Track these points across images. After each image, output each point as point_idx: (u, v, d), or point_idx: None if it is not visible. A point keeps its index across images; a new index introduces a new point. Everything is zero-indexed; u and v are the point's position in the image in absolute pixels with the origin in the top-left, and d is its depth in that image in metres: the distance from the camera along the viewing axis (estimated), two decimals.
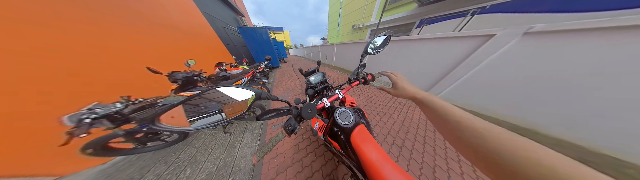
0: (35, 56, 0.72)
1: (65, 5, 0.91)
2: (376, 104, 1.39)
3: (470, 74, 1.16)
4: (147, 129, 0.71)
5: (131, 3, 1.34)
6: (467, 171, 0.70)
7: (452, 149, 0.84)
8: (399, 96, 0.28)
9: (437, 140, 0.91)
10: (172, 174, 0.74)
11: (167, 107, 0.19)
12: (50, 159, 0.73)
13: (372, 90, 1.79)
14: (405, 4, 4.02)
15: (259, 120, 0.29)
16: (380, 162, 0.26)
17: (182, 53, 1.81)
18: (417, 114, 1.21)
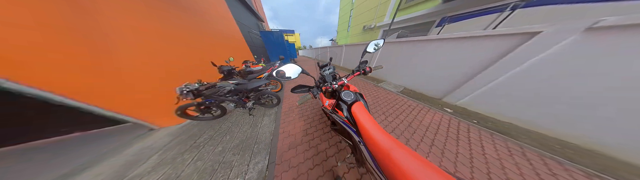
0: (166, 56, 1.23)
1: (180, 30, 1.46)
2: (382, 104, 1.38)
3: (503, 79, 0.98)
4: (208, 102, 1.05)
5: (201, 18, 1.94)
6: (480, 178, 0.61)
7: (467, 155, 0.76)
8: None
9: (448, 144, 0.84)
10: (218, 137, 1.05)
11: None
12: (162, 117, 1.18)
13: (379, 92, 1.80)
14: (425, 1, 3.67)
15: (293, 92, 0.51)
16: (369, 125, 0.38)
17: (223, 52, 2.37)
18: (429, 118, 1.14)
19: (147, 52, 1.11)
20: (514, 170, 0.70)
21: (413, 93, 1.73)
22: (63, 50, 0.78)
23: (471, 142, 0.88)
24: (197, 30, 1.84)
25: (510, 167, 0.72)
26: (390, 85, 2.08)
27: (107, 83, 0.91)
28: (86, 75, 0.85)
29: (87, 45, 0.85)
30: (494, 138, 0.92)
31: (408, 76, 1.86)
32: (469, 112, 1.24)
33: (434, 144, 0.85)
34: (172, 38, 1.38)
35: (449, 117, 1.17)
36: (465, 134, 0.96)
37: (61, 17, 0.78)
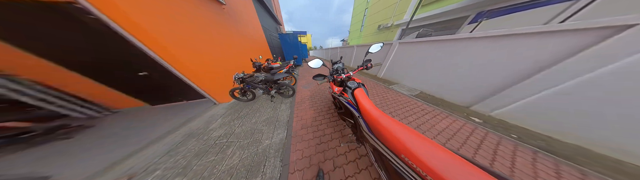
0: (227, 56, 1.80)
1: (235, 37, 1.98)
2: (389, 105, 1.41)
3: (565, 88, 0.77)
4: (247, 88, 1.50)
5: (241, 27, 2.57)
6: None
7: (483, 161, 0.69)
8: None
9: (462, 150, 0.79)
10: (252, 113, 1.44)
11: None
12: (221, 97, 1.67)
13: (389, 93, 1.78)
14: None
15: (314, 79, 0.74)
16: (366, 103, 0.51)
17: (253, 52, 3.01)
18: (446, 124, 1.05)
19: (220, 54, 1.72)
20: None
21: (431, 98, 1.57)
22: (195, 57, 1.35)
23: (496, 154, 0.76)
24: (241, 37, 2.49)
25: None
26: (404, 88, 1.96)
27: (205, 72, 1.45)
28: (202, 68, 1.40)
29: (202, 51, 1.42)
30: (536, 156, 0.74)
31: (427, 79, 1.66)
32: (508, 125, 1.02)
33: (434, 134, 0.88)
34: (229, 44, 1.98)
35: (474, 126, 1.02)
36: (491, 145, 0.83)
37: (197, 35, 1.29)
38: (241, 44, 2.45)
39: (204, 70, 1.41)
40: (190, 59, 1.28)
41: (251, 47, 2.97)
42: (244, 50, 2.52)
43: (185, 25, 1.31)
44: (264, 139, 1.02)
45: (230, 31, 2.13)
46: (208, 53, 1.53)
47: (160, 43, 1.06)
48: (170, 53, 1.14)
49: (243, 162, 0.82)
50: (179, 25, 1.25)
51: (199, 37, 1.44)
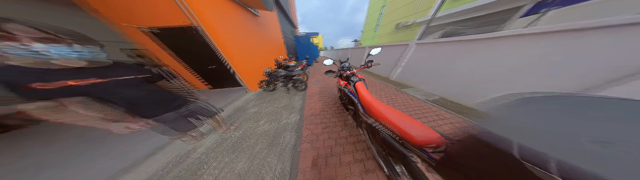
0: (258, 57, 2.32)
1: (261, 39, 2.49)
2: (397, 108, 1.42)
3: None
4: (271, 80, 1.95)
5: (268, 32, 3.17)
6: None
7: None
8: None
9: None
10: (273, 101, 1.84)
11: (282, 74, 1.19)
12: (251, 86, 2.18)
13: (400, 96, 1.76)
14: None
15: (325, 74, 1.07)
16: (364, 92, 0.67)
17: (274, 53, 3.65)
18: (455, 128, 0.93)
19: (253, 53, 2.27)
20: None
21: (456, 106, 1.37)
22: (241, 55, 1.89)
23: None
24: (267, 40, 3.12)
25: None
26: (420, 92, 1.81)
27: (245, 67, 1.99)
28: (244, 63, 1.96)
29: (245, 51, 1.95)
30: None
31: (451, 85, 1.47)
32: None
33: None
34: (259, 46, 2.57)
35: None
36: None
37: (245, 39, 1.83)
38: (267, 46, 3.06)
39: (245, 66, 1.96)
40: (238, 57, 1.83)
41: (272, 49, 3.57)
42: (269, 51, 3.17)
43: (238, 33, 1.90)
44: (283, 118, 1.37)
45: (261, 36, 2.75)
46: (248, 53, 2.08)
47: (226, 46, 1.62)
48: (229, 52, 1.68)
49: (271, 129, 1.18)
50: (235, 33, 1.82)
51: (244, 41, 2.02)
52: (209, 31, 1.47)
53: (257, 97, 2.00)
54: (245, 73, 2.00)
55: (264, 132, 1.14)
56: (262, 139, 1.05)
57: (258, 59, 2.45)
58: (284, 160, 0.84)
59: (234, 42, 1.78)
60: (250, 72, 2.10)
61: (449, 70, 1.51)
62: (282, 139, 1.05)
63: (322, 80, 2.88)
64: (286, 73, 1.96)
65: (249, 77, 2.09)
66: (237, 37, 1.86)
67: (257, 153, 0.91)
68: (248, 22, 2.23)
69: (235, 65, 1.83)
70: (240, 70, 1.91)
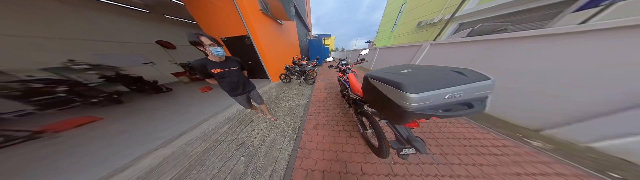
0: (280, 56, 3.10)
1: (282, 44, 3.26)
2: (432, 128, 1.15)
3: None
4: (289, 73, 2.61)
5: (287, 37, 4.02)
6: None
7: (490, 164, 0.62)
8: None
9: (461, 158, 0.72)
10: (288, 90, 2.40)
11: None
12: (274, 78, 3.00)
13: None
14: None
15: (329, 68, 1.61)
16: (353, 80, 1.10)
17: (291, 53, 4.47)
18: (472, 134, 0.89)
19: (277, 52, 3.00)
20: None
21: (489, 118, 1.10)
22: (270, 53, 2.56)
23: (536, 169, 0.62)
24: (286, 42, 3.96)
25: None
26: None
27: (271, 63, 2.72)
28: (271, 60, 2.67)
29: (272, 51, 2.64)
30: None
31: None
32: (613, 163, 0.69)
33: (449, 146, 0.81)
34: (281, 47, 3.34)
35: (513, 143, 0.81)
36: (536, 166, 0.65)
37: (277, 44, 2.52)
38: (286, 47, 3.92)
39: (271, 62, 2.68)
40: (268, 56, 2.54)
41: (290, 49, 4.41)
42: (287, 51, 4.06)
43: (269, 38, 2.64)
44: (295, 101, 1.87)
45: (283, 40, 3.59)
46: (274, 52, 2.81)
47: (262, 48, 2.36)
48: (263, 52, 2.42)
49: (286, 106, 1.69)
50: (267, 38, 2.54)
51: (272, 44, 2.75)
52: (254, 38, 2.26)
53: (277, 86, 2.70)
54: (271, 68, 2.75)
55: (282, 107, 1.66)
56: (281, 110, 1.57)
57: (280, 58, 3.19)
58: (295, 123, 1.30)
59: (267, 45, 2.51)
60: (274, 67, 2.82)
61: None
62: (295, 111, 1.54)
63: (329, 78, 3.36)
64: (300, 69, 2.52)
65: (273, 71, 2.83)
66: (268, 41, 2.60)
67: (279, 117, 1.41)
68: (275, 30, 3.01)
69: (265, 61, 2.58)
70: (267, 66, 2.69)
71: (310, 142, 1.01)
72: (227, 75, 0.83)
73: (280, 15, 2.75)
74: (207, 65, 0.76)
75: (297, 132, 1.15)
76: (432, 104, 0.32)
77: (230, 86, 0.90)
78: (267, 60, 2.58)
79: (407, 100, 0.32)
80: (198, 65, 0.75)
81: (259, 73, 2.95)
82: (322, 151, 0.90)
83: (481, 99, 0.33)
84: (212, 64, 0.77)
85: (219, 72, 0.78)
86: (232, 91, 0.93)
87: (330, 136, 1.05)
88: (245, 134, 1.13)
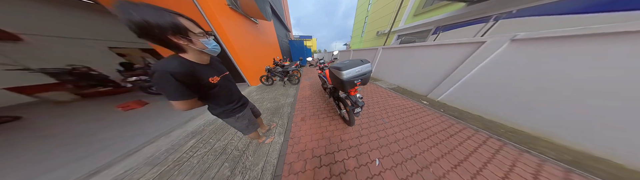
0: (259, 56, 2.82)
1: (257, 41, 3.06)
2: (367, 95, 1.95)
3: (467, 77, 1.22)
4: (271, 75, 2.53)
5: (264, 37, 3.76)
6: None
7: (414, 122, 1.15)
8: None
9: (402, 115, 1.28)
10: (273, 91, 2.34)
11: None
12: (254, 80, 2.70)
13: (371, 87, 2.42)
14: (436, 9, 3.81)
15: (310, 66, 1.88)
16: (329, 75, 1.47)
17: (270, 53, 4.22)
18: (401, 103, 1.56)
19: (254, 54, 2.77)
20: (434, 127, 1.11)
21: (404, 90, 2.11)
22: (245, 56, 2.29)
23: (425, 117, 1.25)
24: (265, 43, 3.73)
25: (436, 129, 1.08)
26: (386, 83, 2.53)
27: (247, 65, 2.43)
28: (247, 62, 2.38)
29: (248, 53, 2.40)
30: (446, 120, 1.20)
31: (401, 76, 2.25)
32: (447, 107, 1.46)
33: (390, 111, 1.40)
34: (258, 48, 3.10)
35: (418, 104, 1.56)
36: (429, 115, 1.30)
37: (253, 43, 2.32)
38: (264, 48, 3.65)
39: (246, 64, 2.42)
40: (242, 57, 2.29)
41: (269, 50, 4.18)
42: (266, 52, 3.77)
43: (242, 37, 2.39)
44: (280, 100, 1.88)
45: (259, 40, 3.33)
46: (249, 53, 2.57)
47: (233, 48, 2.10)
48: (236, 53, 2.17)
49: (272, 106, 1.68)
50: (240, 37, 2.31)
51: (246, 44, 2.50)
52: (221, 36, 1.96)
53: (258, 89, 2.49)
54: (248, 70, 2.48)
55: (267, 108, 1.64)
56: (267, 111, 1.55)
57: (257, 59, 2.96)
58: (283, 119, 1.35)
59: (240, 44, 2.26)
60: (251, 70, 2.57)
61: (400, 67, 2.26)
62: (282, 110, 1.57)
63: (313, 77, 3.51)
64: (283, 69, 2.51)
65: (251, 74, 2.57)
66: (242, 40, 2.36)
67: (264, 118, 1.41)
68: (249, 29, 2.76)
69: (240, 63, 2.31)
70: (243, 68, 2.39)
71: (299, 131, 1.13)
72: (224, 84, 0.52)
73: (254, 14, 2.58)
74: (197, 72, 0.41)
75: (286, 126, 1.23)
76: (352, 76, 0.72)
77: (227, 99, 0.56)
78: (242, 62, 2.30)
79: (342, 75, 0.71)
80: (182, 73, 0.37)
81: (234, 77, 2.84)
82: (311, 135, 1.08)
83: (370, 72, 0.76)
84: (201, 68, 0.43)
85: (218, 81, 0.48)
86: (228, 105, 0.57)
87: (317, 123, 1.25)
88: (224, 142, 1.05)
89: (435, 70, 1.61)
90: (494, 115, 1.18)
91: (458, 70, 1.34)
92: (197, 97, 0.45)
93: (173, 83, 0.36)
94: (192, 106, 0.45)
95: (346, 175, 0.73)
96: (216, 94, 0.50)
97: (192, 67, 0.40)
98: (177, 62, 0.38)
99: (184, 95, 0.40)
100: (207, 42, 0.40)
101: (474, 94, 1.28)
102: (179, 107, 0.42)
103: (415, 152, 0.88)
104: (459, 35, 3.16)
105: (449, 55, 1.44)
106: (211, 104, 0.55)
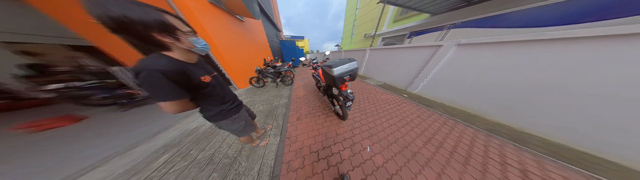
0: (247, 56, 2.66)
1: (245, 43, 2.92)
2: (358, 91, 2.13)
3: (433, 74, 1.58)
4: (261, 76, 2.41)
5: (252, 36, 3.58)
6: None
7: (394, 111, 1.39)
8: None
9: (386, 107, 1.49)
10: (265, 93, 2.25)
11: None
12: (242, 83, 2.52)
13: (361, 84, 2.61)
14: (409, 17, 4.85)
15: (302, 66, 2.08)
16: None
17: (261, 54, 4.09)
18: (386, 97, 1.81)
19: (241, 55, 2.61)
20: (412, 115, 1.35)
21: (389, 86, 2.42)
22: (231, 56, 2.14)
23: (405, 108, 1.51)
24: (253, 43, 3.55)
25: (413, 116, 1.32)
26: (374, 81, 2.80)
27: (234, 66, 2.28)
28: (233, 64, 2.22)
29: (235, 53, 2.25)
30: (421, 108, 1.50)
31: (386, 74, 2.55)
32: (421, 98, 1.80)
33: (378, 105, 1.60)
34: (246, 48, 2.93)
35: (400, 97, 1.83)
36: (408, 106, 1.58)
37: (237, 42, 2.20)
38: (253, 48, 3.48)
39: (233, 65, 2.26)
40: (226, 57, 2.12)
41: (258, 50, 4.00)
42: (255, 52, 3.59)
43: (226, 36, 2.22)
44: (274, 102, 1.83)
45: (247, 39, 3.16)
46: (235, 54, 2.40)
47: (215, 47, 1.91)
48: (219, 53, 2.00)
49: (265, 109, 1.62)
50: (224, 35, 2.14)
51: (231, 43, 2.33)
52: (201, 33, 1.70)
53: (247, 92, 2.36)
54: (234, 71, 2.29)
55: (260, 111, 1.58)
56: (260, 114, 1.49)
57: (245, 60, 2.79)
58: (278, 120, 1.32)
59: (224, 43, 2.07)
60: (238, 71, 2.40)
61: (385, 66, 2.56)
62: (276, 111, 1.53)
63: (306, 77, 3.52)
64: (275, 70, 2.44)
65: (237, 76, 2.38)
66: (227, 39, 2.18)
67: (257, 120, 1.34)
68: (234, 27, 2.58)
69: (224, 64, 2.12)
70: (229, 69, 2.21)
71: (296, 130, 1.15)
72: (216, 84, 0.49)
73: (239, 11, 2.42)
74: (188, 70, 0.39)
75: (281, 127, 1.21)
76: (342, 72, 0.83)
77: (221, 99, 0.54)
78: (226, 62, 2.10)
79: (333, 72, 0.82)
80: (174, 71, 0.35)
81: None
82: (307, 133, 1.11)
83: (356, 68, 0.88)
84: (191, 67, 0.41)
85: (210, 80, 0.45)
86: (223, 105, 0.55)
87: (313, 121, 1.29)
88: (210, 152, 0.95)
89: (411, 68, 1.93)
90: (451, 101, 1.57)
91: (427, 68, 1.68)
92: (189, 98, 0.42)
93: (165, 82, 0.34)
94: (184, 108, 0.43)
95: (342, 164, 0.80)
96: (210, 94, 0.48)
97: (182, 66, 0.38)
98: (165, 60, 0.36)
99: (176, 95, 0.37)
100: (196, 41, 0.40)
101: (437, 86, 1.65)
102: (170, 108, 0.39)
103: (398, 136, 1.04)
104: (425, 39, 3.96)
105: (419, 55, 1.78)
106: (205, 105, 0.51)
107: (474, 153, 0.89)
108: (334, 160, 0.84)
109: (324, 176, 0.74)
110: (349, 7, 11.77)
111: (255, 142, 0.95)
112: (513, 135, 1.07)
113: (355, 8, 10.03)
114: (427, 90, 1.81)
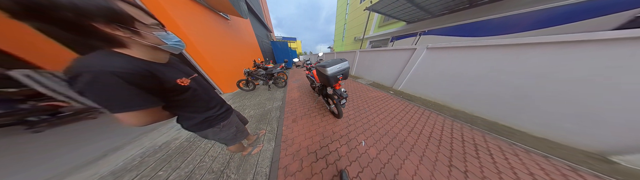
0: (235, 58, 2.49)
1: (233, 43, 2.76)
2: (351, 90, 2.29)
3: (411, 72, 1.88)
4: (251, 79, 2.27)
5: (239, 35, 3.40)
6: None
7: (383, 106, 1.55)
8: None
9: (376, 102, 1.68)
10: (255, 96, 2.13)
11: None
12: (228, 86, 2.31)
13: (353, 83, 2.75)
14: (391, 24, 5.63)
15: (296, 67, 1.94)
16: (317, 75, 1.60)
17: (250, 55, 3.90)
18: (376, 95, 1.99)
19: (227, 56, 2.44)
20: (397, 109, 1.51)
21: (378, 85, 2.64)
22: (214, 58, 1.97)
23: (392, 103, 1.69)
24: (241, 43, 3.38)
25: (398, 110, 1.48)
26: (365, 80, 3.06)
27: (217, 69, 2.09)
28: (216, 66, 2.05)
29: (218, 54, 2.09)
30: (404, 103, 1.70)
31: (375, 74, 2.80)
32: (404, 94, 2.05)
33: (369, 102, 1.73)
34: (233, 49, 2.77)
35: (387, 94, 2.04)
36: (394, 101, 1.77)
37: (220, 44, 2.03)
38: (240, 48, 3.29)
39: (216, 67, 2.02)
40: (208, 59, 1.87)
41: (247, 51, 3.81)
42: (243, 53, 3.40)
43: (209, 33, 2.04)
44: (267, 106, 1.75)
45: (233, 39, 2.96)
46: (219, 55, 2.20)
47: (194, 47, 1.72)
48: (199, 54, 1.80)
49: (256, 114, 1.53)
50: (204, 33, 1.93)
51: (214, 43, 2.13)
52: (174, 30, 1.47)
53: (234, 96, 2.17)
54: (218, 74, 2.04)
55: (251, 116, 1.47)
56: (251, 119, 1.39)
57: (231, 61, 2.58)
58: (271, 124, 1.26)
59: (202, 43, 1.81)
60: (222, 74, 2.14)
61: (373, 66, 2.82)
62: (269, 115, 1.46)
63: (300, 79, 3.50)
64: (266, 72, 2.34)
65: (222, 79, 2.13)
66: (205, 38, 1.89)
67: (248, 127, 1.23)
68: (217, 25, 2.32)
69: (205, 66, 1.88)
70: (210, 72, 1.95)
71: (292, 133, 1.12)
72: (197, 87, 0.42)
73: (223, 8, 2.20)
74: (158, 72, 0.32)
75: (276, 131, 1.15)
76: (335, 71, 0.88)
77: (205, 104, 0.46)
78: (208, 64, 1.84)
79: (326, 72, 0.87)
80: (135, 73, 0.28)
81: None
82: (304, 134, 1.10)
83: (348, 68, 0.93)
84: (161, 67, 0.34)
85: (189, 83, 0.38)
86: (209, 111, 0.48)
87: (309, 121, 1.29)
88: (189, 168, 0.82)
89: (394, 68, 2.21)
90: (425, 95, 1.86)
91: (406, 67, 1.97)
92: (162, 106, 0.34)
93: (122, 87, 0.26)
94: (155, 118, 0.34)
95: (340, 161, 0.82)
96: (191, 100, 0.40)
97: (148, 66, 0.30)
98: (119, 58, 0.27)
99: (140, 103, 0.29)
100: (166, 37, 0.33)
101: (415, 83, 1.96)
102: (134, 121, 0.30)
103: (387, 128, 1.15)
104: (404, 43, 4.63)
105: (400, 57, 2.05)
106: (186, 113, 0.43)
107: (443, 136, 1.06)
108: (332, 158, 0.85)
109: (323, 175, 0.74)
110: (339, 11, 12.54)
111: (246, 150, 0.85)
112: (467, 118, 1.32)
113: (345, 13, 10.83)
114: (407, 86, 2.11)
